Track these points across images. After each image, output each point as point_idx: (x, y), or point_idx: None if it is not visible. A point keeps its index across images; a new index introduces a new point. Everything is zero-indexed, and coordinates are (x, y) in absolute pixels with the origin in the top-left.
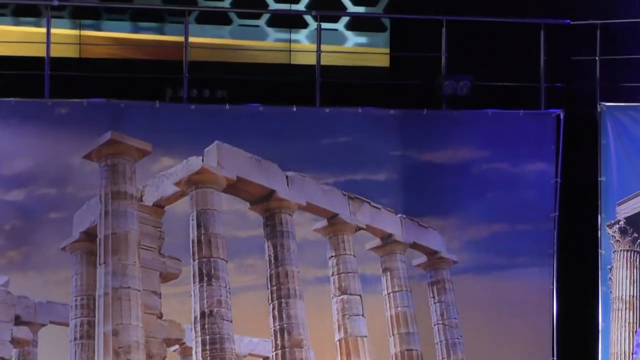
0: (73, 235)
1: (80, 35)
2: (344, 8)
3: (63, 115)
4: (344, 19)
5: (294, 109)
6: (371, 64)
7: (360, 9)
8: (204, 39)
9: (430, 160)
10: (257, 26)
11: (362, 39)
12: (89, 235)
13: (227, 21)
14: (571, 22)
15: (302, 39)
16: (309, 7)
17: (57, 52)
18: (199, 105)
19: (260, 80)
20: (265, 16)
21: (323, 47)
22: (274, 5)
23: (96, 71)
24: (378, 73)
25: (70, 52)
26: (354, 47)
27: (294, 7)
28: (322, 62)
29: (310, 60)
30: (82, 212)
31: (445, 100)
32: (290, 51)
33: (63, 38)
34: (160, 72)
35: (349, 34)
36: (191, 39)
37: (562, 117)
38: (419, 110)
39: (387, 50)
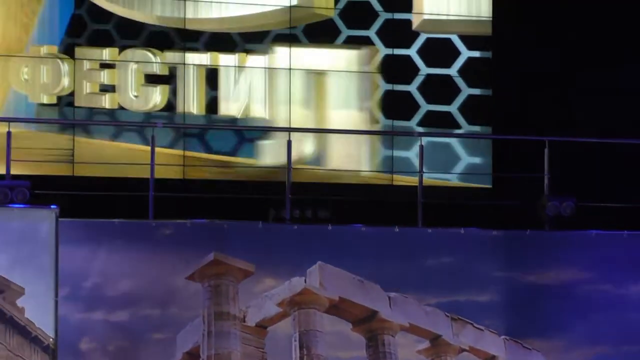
0: (176, 356)
1: (184, 156)
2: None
3: (167, 236)
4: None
5: (397, 229)
6: (474, 185)
7: (476, 91)
8: (306, 166)
9: (534, 282)
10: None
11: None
12: (192, 355)
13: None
14: None
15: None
16: (421, 87)
17: (161, 173)
18: (302, 225)
19: (362, 201)
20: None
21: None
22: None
23: (200, 192)
24: (480, 193)
25: (174, 173)
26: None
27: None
28: (424, 183)
29: (412, 180)
30: (186, 332)
31: (548, 221)
32: (392, 172)
33: (167, 158)
34: (263, 192)
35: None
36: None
37: None
38: (522, 231)
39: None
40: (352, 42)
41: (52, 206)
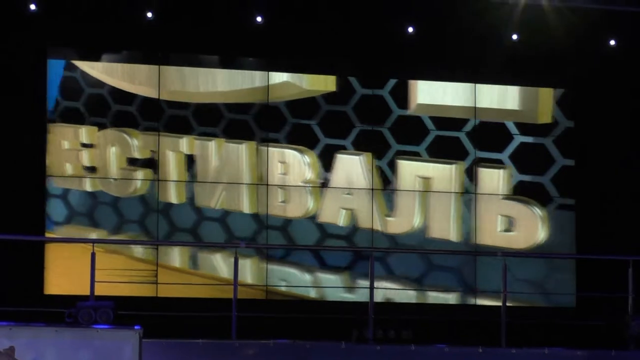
0: None
1: (267, 275)
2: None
3: (250, 356)
4: None
5: (480, 349)
6: (556, 305)
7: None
8: (388, 283)
9: None
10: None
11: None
12: None
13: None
14: None
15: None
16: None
17: (244, 294)
18: (385, 345)
19: (445, 320)
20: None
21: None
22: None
23: (282, 312)
24: (564, 312)
25: (257, 294)
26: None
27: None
28: (508, 303)
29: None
30: None
31: (632, 341)
32: (475, 292)
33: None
34: (346, 312)
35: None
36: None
37: None
38: (606, 350)
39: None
40: None
41: (135, 327)
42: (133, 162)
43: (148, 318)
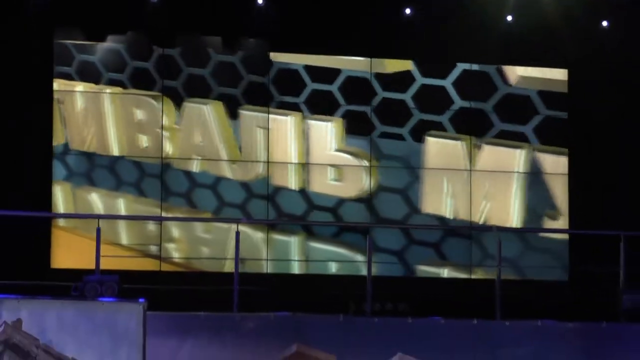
0: None
1: (267, 250)
2: None
3: (250, 329)
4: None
5: (475, 322)
6: (550, 278)
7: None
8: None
9: None
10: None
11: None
12: None
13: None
14: None
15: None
16: None
17: (245, 267)
18: (382, 318)
19: (441, 294)
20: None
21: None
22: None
23: (283, 286)
24: (557, 287)
25: (258, 268)
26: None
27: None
28: (502, 276)
29: (490, 274)
30: None
31: (623, 314)
32: (471, 266)
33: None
34: (344, 286)
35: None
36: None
37: None
38: (598, 323)
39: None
40: None
41: (140, 300)
42: None
43: (152, 291)
